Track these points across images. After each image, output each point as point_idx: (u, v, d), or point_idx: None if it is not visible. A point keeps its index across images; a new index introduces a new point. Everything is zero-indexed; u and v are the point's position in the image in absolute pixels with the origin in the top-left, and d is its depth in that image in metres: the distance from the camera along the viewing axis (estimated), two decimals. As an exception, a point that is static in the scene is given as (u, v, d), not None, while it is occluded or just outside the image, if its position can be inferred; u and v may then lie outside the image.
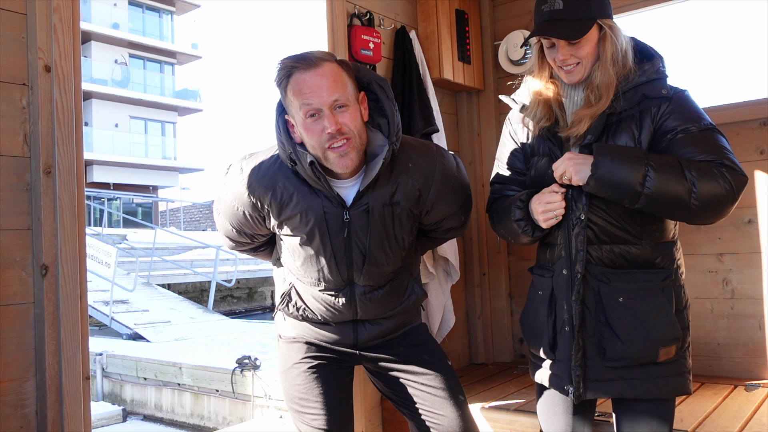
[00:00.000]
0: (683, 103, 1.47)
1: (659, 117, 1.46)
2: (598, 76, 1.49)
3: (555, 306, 1.56)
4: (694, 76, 26.73)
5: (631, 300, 1.48)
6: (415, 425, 1.73)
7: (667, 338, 1.46)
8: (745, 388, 2.47)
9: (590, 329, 1.51)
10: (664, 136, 1.45)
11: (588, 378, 1.51)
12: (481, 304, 3.27)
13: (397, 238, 1.60)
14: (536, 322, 1.61)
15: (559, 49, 1.49)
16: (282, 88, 1.50)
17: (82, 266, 1.72)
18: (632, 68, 1.49)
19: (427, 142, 1.69)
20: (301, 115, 1.47)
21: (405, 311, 1.72)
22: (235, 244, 1.78)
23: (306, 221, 1.56)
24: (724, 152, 1.40)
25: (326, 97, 1.45)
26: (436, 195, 1.60)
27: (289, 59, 1.49)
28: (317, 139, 1.47)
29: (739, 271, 2.64)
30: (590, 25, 1.46)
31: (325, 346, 1.73)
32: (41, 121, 1.66)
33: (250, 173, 1.59)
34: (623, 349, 1.47)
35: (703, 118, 1.45)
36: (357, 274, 1.61)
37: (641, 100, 1.47)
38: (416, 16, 3.01)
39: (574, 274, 1.51)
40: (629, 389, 1.49)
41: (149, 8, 24.64)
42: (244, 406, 5.87)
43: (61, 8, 1.70)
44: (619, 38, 1.49)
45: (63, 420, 1.65)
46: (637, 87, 1.48)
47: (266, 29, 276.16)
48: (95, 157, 21.31)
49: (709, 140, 1.41)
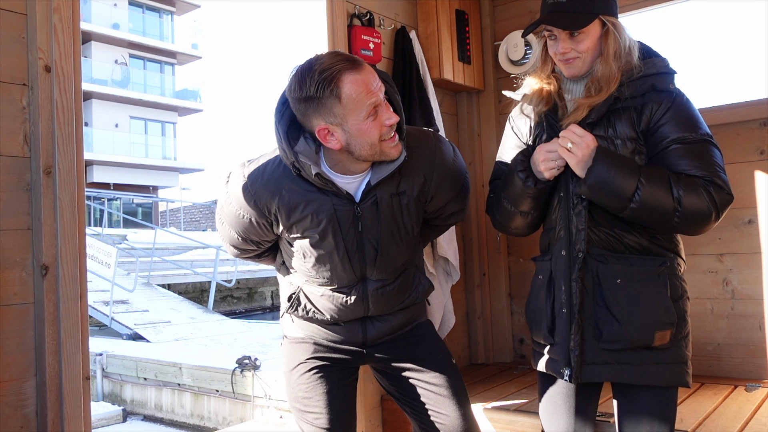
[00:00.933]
0: (683, 108, 1.48)
1: (658, 114, 1.48)
2: (600, 70, 1.51)
3: (554, 289, 1.57)
4: (694, 76, 26.79)
5: (628, 282, 1.48)
6: (417, 424, 1.73)
7: (663, 322, 1.47)
8: (745, 389, 2.47)
9: (587, 311, 1.52)
10: (660, 142, 1.47)
11: (584, 361, 1.52)
12: (482, 305, 3.27)
13: (407, 227, 1.61)
14: (537, 306, 1.62)
15: (559, 42, 1.52)
16: (330, 97, 1.39)
17: (82, 266, 1.72)
18: (637, 64, 1.51)
19: (425, 129, 1.70)
20: (363, 117, 1.42)
21: (413, 304, 1.73)
22: (239, 251, 1.76)
23: (318, 221, 1.55)
24: (716, 169, 1.43)
25: (380, 91, 1.44)
26: (439, 180, 1.60)
27: (333, 61, 1.40)
28: (376, 134, 1.44)
29: (740, 272, 2.64)
30: (591, 19, 1.48)
31: (332, 346, 1.72)
32: (41, 121, 1.66)
33: (254, 180, 1.57)
34: (619, 330, 1.47)
35: (700, 127, 1.47)
36: (370, 268, 1.61)
37: (648, 90, 1.49)
38: (416, 17, 3.01)
39: (575, 254, 1.52)
40: (623, 374, 1.50)
41: (149, 8, 24.65)
42: (244, 406, 5.87)
43: (61, 8, 1.70)
44: (622, 36, 1.51)
45: (63, 420, 1.65)
46: (647, 77, 1.50)
47: (266, 29, 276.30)
48: (95, 157, 21.32)
49: (704, 154, 1.44)
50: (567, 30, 1.49)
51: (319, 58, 1.43)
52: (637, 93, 1.49)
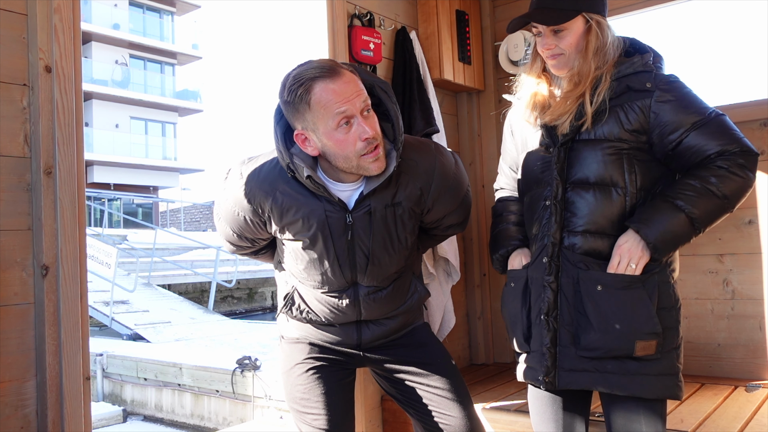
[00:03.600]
0: (678, 93, 1.48)
1: (653, 107, 1.47)
2: (577, 65, 1.53)
3: (529, 296, 1.57)
4: (694, 77, 26.85)
5: (609, 289, 1.44)
6: (421, 426, 1.72)
7: (644, 332, 1.42)
8: (745, 389, 2.47)
9: (566, 318, 1.50)
10: (670, 134, 1.45)
11: (561, 367, 1.50)
12: (482, 305, 3.27)
13: (400, 238, 1.60)
14: (511, 314, 1.63)
15: (544, 38, 1.55)
16: (299, 101, 1.42)
17: (83, 266, 1.72)
18: (618, 62, 1.52)
19: (426, 140, 1.69)
20: (332, 126, 1.41)
21: (408, 310, 1.72)
22: (236, 248, 1.77)
23: (308, 226, 1.55)
24: (735, 136, 1.45)
25: (357, 102, 1.42)
26: (437, 193, 1.59)
27: (306, 72, 1.42)
28: (352, 148, 1.43)
29: (740, 272, 2.64)
30: (572, 15, 1.50)
31: (328, 347, 1.72)
32: (42, 121, 1.66)
33: (250, 178, 1.58)
34: (597, 338, 1.44)
35: (702, 107, 1.47)
36: (361, 275, 1.61)
37: (625, 91, 1.49)
38: (417, 17, 3.01)
39: (553, 256, 1.51)
40: (604, 383, 1.46)
41: (150, 9, 24.65)
42: (245, 406, 5.87)
43: (61, 9, 1.70)
44: (604, 33, 1.53)
45: (63, 420, 1.65)
46: (622, 78, 1.50)
47: (267, 30, 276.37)
48: (96, 157, 21.32)
49: (719, 127, 1.45)
50: (548, 25, 1.52)
51: (303, 64, 1.46)
52: (615, 95, 1.50)
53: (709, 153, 1.43)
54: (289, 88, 1.42)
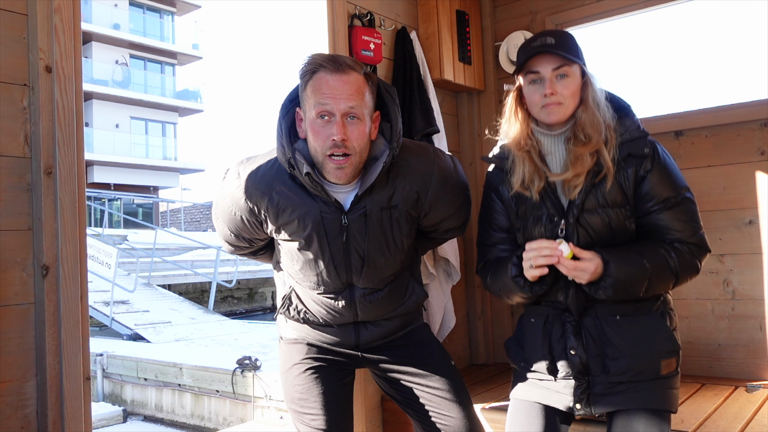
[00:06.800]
0: (663, 166, 1.54)
1: (642, 172, 1.54)
2: (584, 117, 1.53)
3: (551, 332, 1.60)
4: (694, 77, 26.77)
5: (627, 317, 1.55)
6: (421, 426, 1.72)
7: (667, 350, 1.54)
8: (745, 389, 2.46)
9: (593, 350, 1.56)
10: (645, 203, 1.54)
11: (594, 393, 1.56)
12: (482, 305, 3.27)
13: (396, 241, 1.60)
14: (533, 348, 1.64)
15: (546, 83, 1.52)
16: (303, 82, 1.50)
17: (83, 267, 1.72)
18: (611, 124, 1.54)
19: (424, 144, 1.69)
20: (313, 114, 1.47)
21: (406, 312, 1.72)
22: (233, 248, 1.78)
23: (303, 226, 1.55)
24: (697, 229, 1.56)
25: (343, 103, 1.45)
26: (434, 197, 1.59)
27: (319, 56, 1.50)
28: (321, 143, 1.47)
29: (740, 272, 2.64)
30: (576, 61, 1.53)
31: (326, 347, 1.72)
32: (42, 121, 1.66)
33: (247, 178, 1.58)
34: (625, 363, 1.53)
35: (679, 185, 1.55)
36: (356, 277, 1.61)
37: (626, 157, 1.54)
38: (417, 17, 3.01)
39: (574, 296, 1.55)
40: (629, 401, 1.53)
41: (150, 9, 24.66)
42: (245, 406, 5.87)
43: (62, 9, 1.70)
44: (595, 88, 1.56)
45: (63, 420, 1.65)
46: (622, 145, 1.54)
47: (267, 30, 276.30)
48: (96, 157, 21.33)
49: (685, 214, 1.55)
50: (560, 64, 1.50)
51: (330, 54, 1.54)
52: (617, 161, 1.53)
53: (671, 236, 1.53)
54: (303, 66, 1.51)
